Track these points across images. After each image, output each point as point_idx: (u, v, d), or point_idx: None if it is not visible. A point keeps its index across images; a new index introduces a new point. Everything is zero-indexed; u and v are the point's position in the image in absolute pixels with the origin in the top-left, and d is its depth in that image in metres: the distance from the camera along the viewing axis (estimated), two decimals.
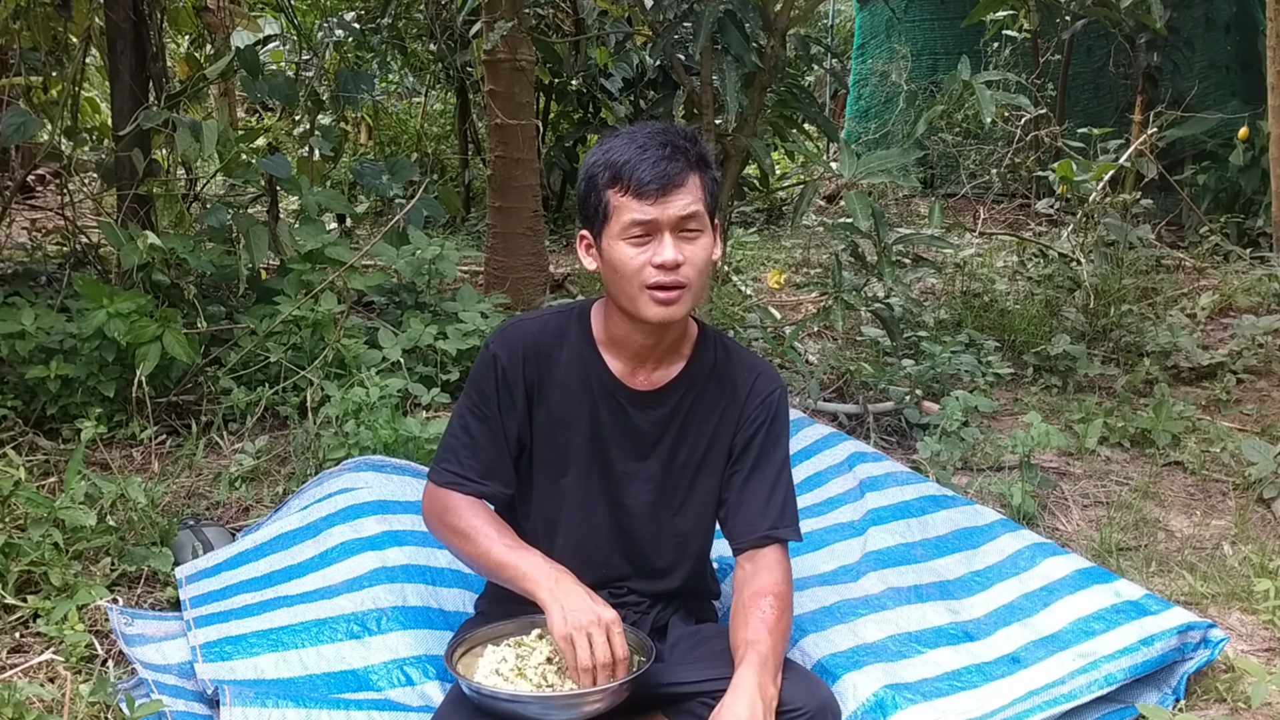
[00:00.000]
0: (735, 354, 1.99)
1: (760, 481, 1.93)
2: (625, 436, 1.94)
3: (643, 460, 1.95)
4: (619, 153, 1.78)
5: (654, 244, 1.77)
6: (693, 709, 1.83)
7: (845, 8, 12.05)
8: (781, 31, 4.29)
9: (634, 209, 1.76)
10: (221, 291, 4.37)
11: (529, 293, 4.84)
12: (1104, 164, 5.46)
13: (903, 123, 7.65)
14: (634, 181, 1.75)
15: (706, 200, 1.80)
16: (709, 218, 1.82)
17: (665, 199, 1.75)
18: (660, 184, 1.74)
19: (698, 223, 1.79)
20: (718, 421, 1.95)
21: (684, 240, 1.78)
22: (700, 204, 1.79)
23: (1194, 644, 2.26)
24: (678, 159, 1.76)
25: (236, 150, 4.32)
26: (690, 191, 1.77)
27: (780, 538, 1.92)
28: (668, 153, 1.76)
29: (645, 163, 1.75)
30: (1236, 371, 4.40)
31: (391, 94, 9.81)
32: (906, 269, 4.34)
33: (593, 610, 1.72)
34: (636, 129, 1.82)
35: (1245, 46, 7.34)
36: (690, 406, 1.94)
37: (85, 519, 2.57)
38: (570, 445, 1.94)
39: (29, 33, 4.40)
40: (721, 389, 1.95)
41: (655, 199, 1.74)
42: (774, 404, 1.95)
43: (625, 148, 1.78)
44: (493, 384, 1.91)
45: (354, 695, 2.06)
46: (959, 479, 3.37)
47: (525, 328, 1.96)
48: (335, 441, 3.17)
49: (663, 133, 1.79)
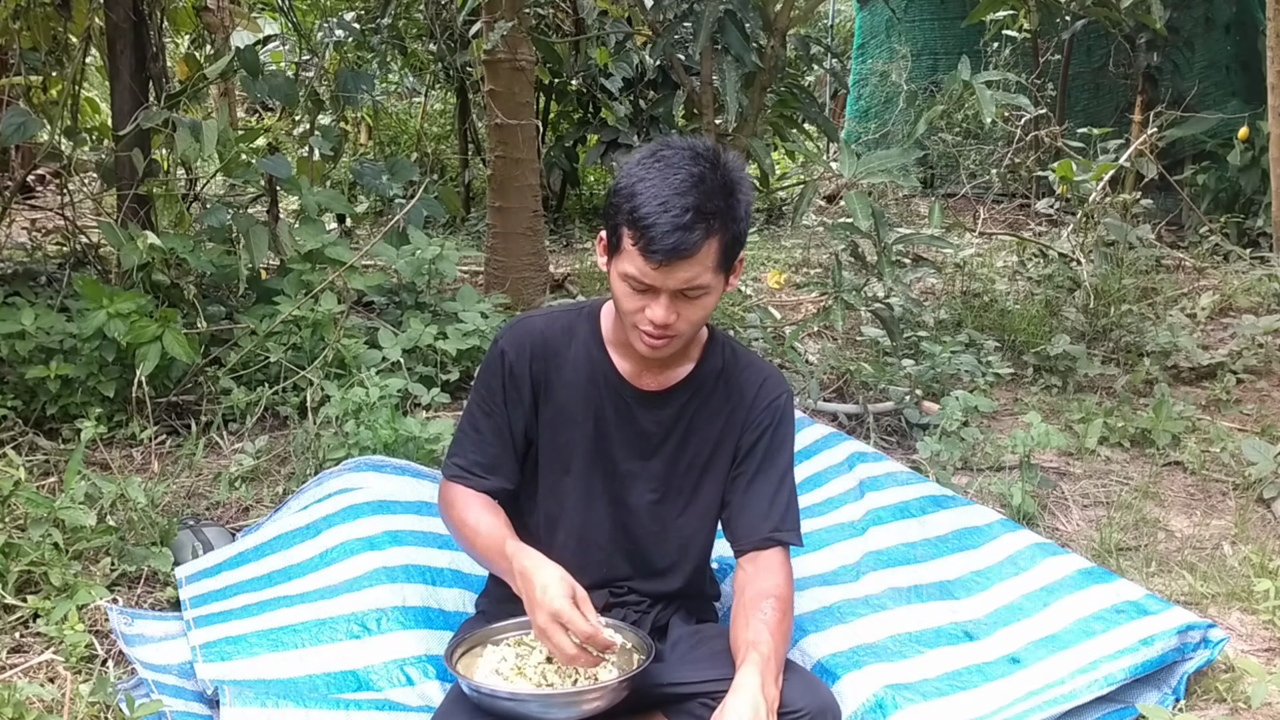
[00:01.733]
0: (743, 358, 1.99)
1: (764, 485, 1.94)
2: (630, 436, 1.94)
3: (647, 460, 1.96)
4: (645, 196, 1.69)
5: (651, 298, 1.74)
6: (692, 709, 1.83)
7: (845, 8, 12.05)
8: (781, 31, 4.30)
9: (638, 264, 1.71)
10: (221, 291, 4.36)
11: (529, 293, 4.84)
12: (1104, 164, 5.46)
13: (903, 123, 7.65)
14: (645, 240, 1.68)
15: (719, 260, 1.73)
16: (720, 274, 1.76)
17: (670, 269, 1.69)
18: (667, 255, 1.67)
19: (702, 288, 1.74)
20: (723, 424, 1.95)
21: (684, 300, 1.75)
22: (710, 271, 1.72)
23: (1194, 644, 2.26)
24: (697, 227, 1.67)
25: (236, 150, 4.31)
26: (700, 262, 1.70)
27: (782, 540, 1.92)
28: (688, 219, 1.66)
29: (661, 226, 1.66)
30: (1236, 371, 4.40)
31: (391, 94, 9.81)
32: (906, 269, 4.34)
33: (549, 598, 1.68)
34: (674, 163, 1.71)
35: (1245, 46, 7.34)
36: (696, 409, 1.95)
37: (85, 519, 2.57)
38: (575, 443, 1.95)
39: (29, 33, 4.40)
40: (728, 392, 1.96)
41: (659, 266, 1.69)
42: (780, 408, 1.96)
43: (652, 193, 1.68)
44: (500, 380, 1.93)
45: (354, 695, 2.06)
46: (959, 479, 3.37)
47: (534, 324, 1.96)
48: (335, 441, 3.17)
49: (694, 186, 1.68)
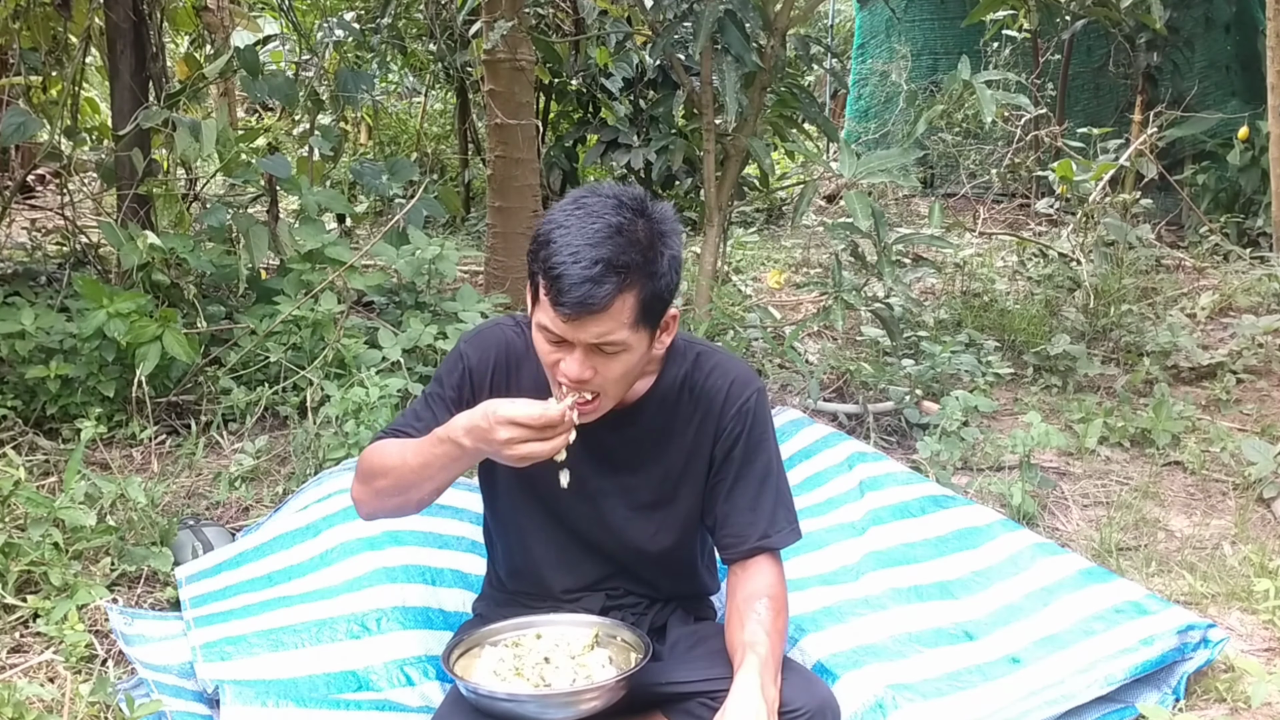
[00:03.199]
0: (707, 361, 1.89)
1: (743, 493, 1.87)
2: (596, 454, 1.86)
3: (616, 476, 1.90)
4: (558, 245, 1.61)
5: (566, 351, 1.66)
6: (691, 708, 1.83)
7: (845, 8, 12.05)
8: (781, 31, 4.29)
9: (550, 316, 1.63)
10: (221, 291, 4.36)
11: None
12: (1104, 164, 5.46)
13: (903, 123, 7.64)
14: (554, 292, 1.60)
15: (636, 316, 1.63)
16: (640, 328, 1.66)
17: (580, 322, 1.61)
18: (575, 310, 1.59)
19: (618, 345, 1.65)
20: (694, 434, 1.88)
21: (599, 355, 1.66)
22: (625, 327, 1.63)
23: (1194, 644, 2.26)
24: (607, 280, 1.58)
25: (236, 150, 4.31)
26: (612, 318, 1.61)
27: (768, 547, 1.86)
28: (598, 272, 1.57)
29: (569, 278, 1.58)
30: (1236, 371, 4.40)
31: (391, 94, 9.81)
32: (906, 269, 4.34)
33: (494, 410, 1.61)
34: (595, 212, 1.63)
35: (1245, 46, 7.35)
36: (663, 423, 1.88)
37: (85, 519, 2.57)
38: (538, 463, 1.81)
39: (29, 33, 4.40)
40: (695, 401, 1.88)
41: (568, 319, 1.61)
42: (750, 411, 1.87)
43: (565, 241, 1.60)
44: (455, 380, 1.87)
45: (354, 695, 2.06)
46: (959, 479, 3.37)
47: (501, 334, 1.91)
48: (335, 441, 3.17)
49: (610, 238, 1.60)
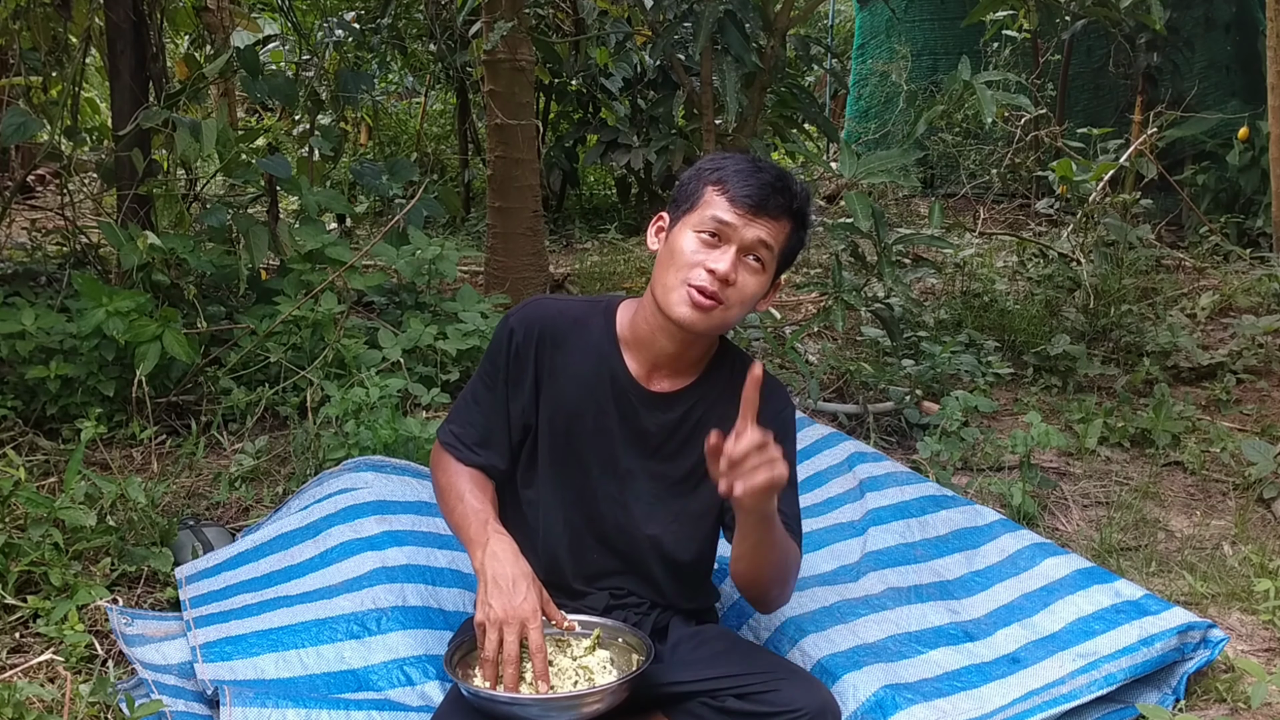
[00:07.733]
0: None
1: None
2: (631, 435, 1.93)
3: (646, 460, 1.95)
4: (735, 164, 1.84)
5: (717, 252, 1.80)
6: (693, 709, 1.83)
7: (845, 8, 12.05)
8: (781, 31, 4.30)
9: (722, 209, 1.80)
10: (221, 291, 4.36)
11: (529, 293, 4.84)
12: (1104, 164, 5.45)
13: (903, 123, 7.63)
14: (736, 189, 1.80)
15: (783, 249, 1.85)
16: (776, 266, 1.86)
17: (752, 219, 1.80)
18: (757, 203, 1.79)
19: (765, 257, 1.83)
20: (727, 432, 1.93)
21: (744, 266, 1.82)
22: (777, 245, 1.83)
23: (1194, 644, 2.26)
24: (781, 196, 1.81)
25: (236, 150, 4.31)
26: (778, 229, 1.82)
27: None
28: (778, 186, 1.81)
29: (755, 183, 1.80)
30: (1236, 371, 4.40)
31: (391, 94, 9.81)
32: (906, 269, 4.34)
33: (512, 605, 1.73)
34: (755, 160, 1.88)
35: (1245, 46, 7.35)
36: (701, 415, 1.93)
37: (85, 519, 2.57)
38: (574, 435, 1.94)
39: (29, 33, 4.40)
40: (734, 402, 1.90)
41: (744, 213, 1.79)
42: (785, 421, 1.94)
43: (743, 164, 1.84)
44: (504, 357, 1.93)
45: (354, 695, 2.06)
46: (959, 479, 3.37)
47: (547, 308, 1.96)
48: (335, 441, 3.17)
49: (783, 175, 1.85)
